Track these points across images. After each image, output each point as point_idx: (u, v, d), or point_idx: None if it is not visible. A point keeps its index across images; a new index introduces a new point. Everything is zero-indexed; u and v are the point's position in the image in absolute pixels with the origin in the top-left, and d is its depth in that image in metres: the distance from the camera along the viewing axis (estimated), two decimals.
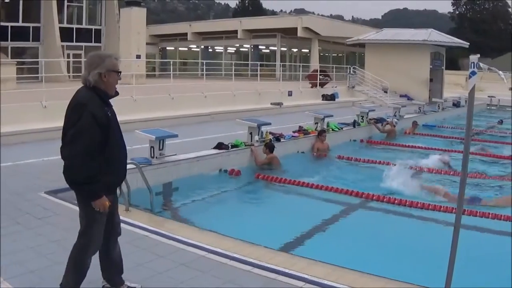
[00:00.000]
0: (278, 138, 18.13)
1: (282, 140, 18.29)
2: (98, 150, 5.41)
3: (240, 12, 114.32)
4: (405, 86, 42.99)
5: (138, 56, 41.53)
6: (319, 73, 40.89)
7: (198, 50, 71.43)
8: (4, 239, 7.78)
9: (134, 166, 10.55)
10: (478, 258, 8.93)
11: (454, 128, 29.25)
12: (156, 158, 13.47)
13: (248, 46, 66.72)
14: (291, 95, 34.94)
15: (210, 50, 71.88)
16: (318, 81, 39.86)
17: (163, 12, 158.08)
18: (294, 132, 19.59)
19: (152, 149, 13.50)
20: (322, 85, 40.22)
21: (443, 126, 30.23)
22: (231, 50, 72.15)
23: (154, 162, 13.21)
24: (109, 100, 5.73)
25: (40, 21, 43.14)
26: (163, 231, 8.58)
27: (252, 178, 15.18)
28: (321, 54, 64.99)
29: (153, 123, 19.48)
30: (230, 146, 16.09)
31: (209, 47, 71.54)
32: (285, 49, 65.53)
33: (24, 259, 7.06)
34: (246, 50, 68.09)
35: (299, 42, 63.20)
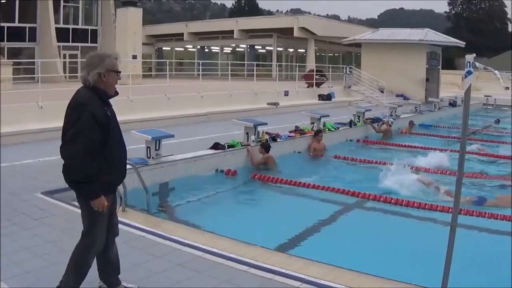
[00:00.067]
0: (275, 138, 18.13)
1: (278, 140, 18.29)
2: (98, 150, 5.42)
3: (236, 12, 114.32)
4: (401, 85, 43.01)
5: (134, 57, 41.48)
6: (315, 73, 40.89)
7: (194, 50, 71.33)
8: (1, 239, 7.77)
9: (131, 167, 10.52)
10: (476, 258, 8.94)
11: (450, 128, 29.27)
12: (153, 158, 13.46)
13: (244, 46, 66.63)
14: (288, 95, 34.91)
15: (206, 50, 71.81)
16: (315, 81, 39.85)
17: (159, 12, 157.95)
18: (291, 132, 19.60)
19: (148, 149, 13.49)
20: (319, 85, 40.22)
21: (439, 126, 30.25)
22: (227, 50, 72.06)
23: (150, 163, 13.21)
24: (108, 100, 5.74)
25: (36, 21, 43.06)
26: (159, 232, 8.57)
27: (248, 178, 15.19)
28: (317, 54, 64.93)
29: (149, 123, 19.45)
30: (226, 146, 16.09)
31: (205, 47, 71.47)
32: (281, 49, 65.45)
33: (21, 260, 7.05)
34: (242, 50, 68.00)
35: (295, 42, 63.18)
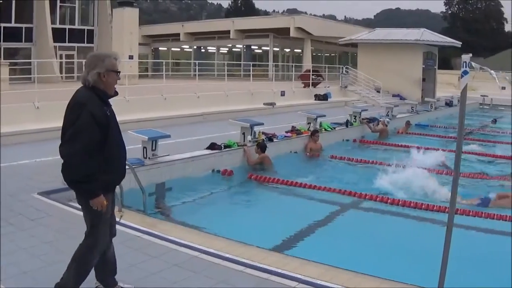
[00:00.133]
0: (271, 138, 18.14)
1: (275, 140, 18.30)
2: (97, 149, 5.43)
3: (232, 12, 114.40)
4: (397, 85, 43.02)
5: (131, 57, 41.42)
6: (311, 73, 40.86)
7: (191, 50, 71.30)
8: (0, 239, 7.77)
9: (127, 167, 10.54)
10: (472, 258, 8.95)
11: (446, 128, 29.30)
12: (149, 158, 13.46)
13: (241, 46, 66.56)
14: (284, 95, 34.92)
15: (203, 50, 71.72)
16: (311, 81, 39.83)
17: (156, 12, 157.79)
18: (287, 132, 19.61)
19: (144, 149, 13.49)
20: (315, 85, 40.20)
21: (435, 126, 30.28)
22: (224, 50, 72.00)
23: (146, 163, 13.21)
24: (108, 99, 5.75)
25: (32, 21, 42.97)
26: (155, 232, 8.57)
27: (244, 179, 15.19)
28: (313, 54, 64.90)
29: (145, 123, 19.44)
30: (223, 147, 16.09)
31: (201, 47, 71.39)
32: (277, 49, 65.39)
33: (17, 260, 7.05)
34: (239, 50, 67.93)
35: (292, 42, 63.14)
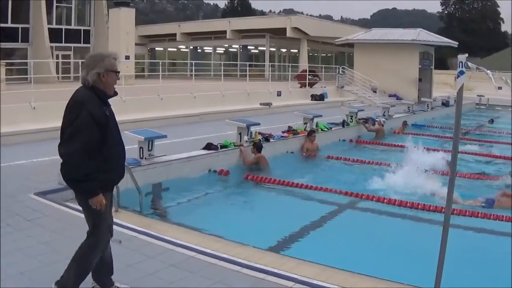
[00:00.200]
0: (267, 138, 18.12)
1: (271, 140, 18.28)
2: (96, 149, 5.45)
3: (229, 12, 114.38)
4: (394, 85, 43.08)
5: (127, 57, 41.42)
6: (308, 73, 40.93)
7: (187, 50, 71.29)
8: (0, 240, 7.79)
9: None
10: (471, 258, 8.98)
11: (443, 128, 29.32)
12: (145, 158, 13.43)
13: (237, 46, 66.62)
14: (280, 95, 34.95)
15: (199, 51, 71.78)
16: (307, 81, 39.91)
17: (152, 12, 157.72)
18: (283, 132, 19.59)
19: (141, 149, 13.47)
20: (311, 85, 40.27)
21: (432, 126, 30.29)
22: (220, 50, 72.04)
23: (143, 163, 13.18)
24: (107, 99, 5.76)
25: (29, 22, 42.92)
26: (152, 232, 8.58)
27: (241, 179, 15.18)
28: (310, 54, 64.97)
29: (142, 123, 19.40)
30: (219, 147, 16.09)
31: (198, 48, 71.45)
32: (274, 49, 65.41)
33: (14, 261, 7.04)
34: (235, 50, 67.97)
35: (288, 42, 63.20)
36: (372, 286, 6.74)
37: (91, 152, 5.39)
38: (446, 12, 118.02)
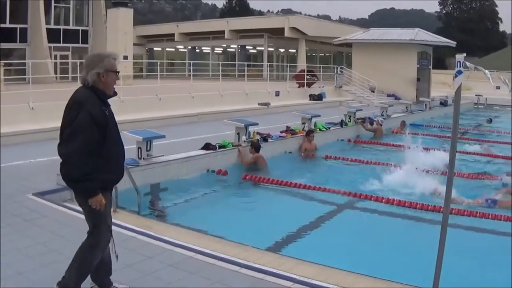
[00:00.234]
0: (266, 138, 18.12)
1: (269, 140, 18.29)
2: (95, 149, 5.44)
3: (227, 12, 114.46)
4: (392, 85, 43.08)
5: (125, 57, 41.28)
6: (306, 73, 40.88)
7: (185, 50, 71.13)
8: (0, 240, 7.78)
9: None
10: (470, 258, 8.97)
11: (441, 127, 29.30)
12: (144, 159, 13.42)
13: (235, 46, 66.50)
14: (279, 95, 34.94)
15: (197, 51, 71.64)
16: (305, 81, 39.86)
17: (150, 12, 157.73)
18: (282, 132, 19.59)
19: (139, 150, 13.45)
20: (309, 85, 40.21)
21: (430, 125, 30.28)
22: (218, 50, 71.94)
23: (141, 163, 13.17)
24: (107, 100, 5.75)
25: (27, 22, 42.83)
26: (150, 232, 8.57)
27: (239, 179, 15.16)
28: (308, 54, 64.89)
29: (140, 124, 19.37)
30: (217, 147, 16.08)
31: (196, 48, 71.29)
32: (272, 49, 65.32)
33: (12, 261, 7.03)
34: (233, 50, 67.86)
35: (286, 42, 63.07)
36: (371, 285, 6.75)
37: (91, 152, 5.38)
38: (444, 12, 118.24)
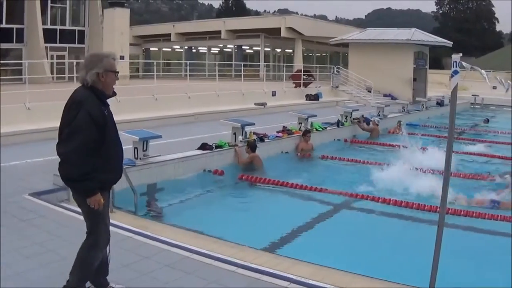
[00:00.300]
0: (262, 138, 18.12)
1: (266, 140, 18.29)
2: (94, 148, 5.45)
3: (223, 12, 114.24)
4: (388, 85, 43.11)
5: (122, 57, 41.20)
6: (302, 73, 40.88)
7: (182, 50, 71.04)
8: None
9: None
10: (469, 257, 8.98)
11: (437, 127, 29.30)
12: (140, 159, 13.41)
13: (232, 46, 66.42)
14: (275, 95, 34.92)
15: (194, 51, 71.53)
16: (302, 81, 39.83)
17: (147, 12, 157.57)
18: (278, 132, 19.59)
19: (135, 150, 13.44)
20: (306, 85, 40.21)
21: (427, 125, 30.29)
22: (215, 50, 71.84)
23: (138, 163, 13.16)
24: (106, 99, 5.76)
25: (23, 22, 42.77)
26: (147, 232, 8.58)
27: (236, 179, 15.17)
28: (304, 54, 64.84)
29: (136, 124, 19.32)
30: (214, 147, 16.09)
31: (192, 48, 71.21)
32: (268, 49, 65.22)
33: (10, 261, 7.03)
34: (230, 50, 67.77)
35: (283, 42, 63.05)
36: (367, 285, 6.76)
37: (90, 151, 5.40)
38: (441, 12, 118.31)
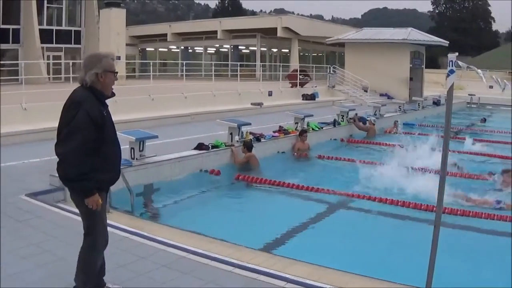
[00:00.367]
0: (259, 138, 18.13)
1: (262, 140, 18.29)
2: (93, 149, 5.45)
3: (219, 12, 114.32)
4: (385, 85, 43.12)
5: (118, 57, 41.15)
6: (299, 73, 40.86)
7: (178, 50, 71.07)
8: None
9: None
10: (470, 257, 8.99)
11: (433, 127, 29.28)
12: (137, 159, 13.42)
13: (228, 46, 66.43)
14: (271, 95, 34.92)
15: (190, 51, 71.53)
16: (298, 81, 39.83)
17: (143, 12, 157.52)
18: (275, 132, 19.60)
19: (132, 150, 13.44)
20: (302, 85, 40.20)
21: (423, 125, 30.29)
22: (211, 50, 71.86)
23: (134, 163, 13.16)
24: (105, 100, 5.77)
25: (19, 22, 42.73)
26: (144, 232, 8.57)
27: (232, 179, 15.17)
28: (301, 54, 64.89)
29: (133, 124, 19.31)
30: (210, 147, 16.08)
31: (189, 48, 71.21)
32: (265, 49, 65.28)
33: (6, 262, 7.01)
34: (226, 50, 67.81)
35: (279, 42, 63.07)
36: (364, 285, 6.76)
37: (88, 151, 5.39)
38: (437, 11, 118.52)
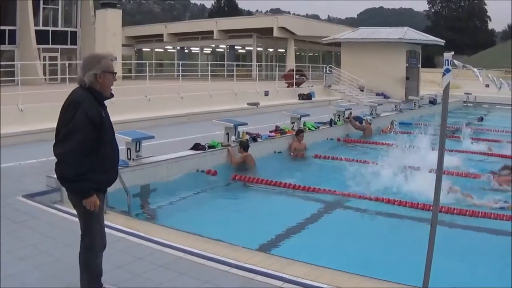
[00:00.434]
0: (255, 138, 18.12)
1: (258, 140, 18.29)
2: (91, 149, 5.45)
3: (215, 12, 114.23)
4: (381, 84, 43.22)
5: (114, 58, 41.24)
6: (295, 72, 40.87)
7: (174, 51, 70.99)
8: None
9: None
10: (460, 256, 8.99)
11: (430, 126, 29.26)
12: (133, 160, 13.41)
13: (224, 46, 66.37)
14: (268, 95, 34.92)
15: (186, 51, 71.45)
16: (294, 80, 39.86)
17: (139, 13, 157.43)
18: (271, 132, 19.60)
19: (128, 150, 13.43)
20: (298, 84, 40.22)
21: (419, 124, 30.27)
22: (207, 50, 71.74)
23: (130, 164, 13.16)
24: (104, 101, 5.78)
25: (15, 23, 42.63)
26: (140, 233, 8.57)
27: (229, 179, 15.16)
28: (297, 53, 64.82)
29: (129, 124, 19.29)
30: (206, 147, 16.08)
31: (185, 48, 71.12)
32: (261, 49, 65.17)
33: (2, 263, 7.00)
34: (222, 50, 67.72)
35: (275, 42, 63.05)
36: (361, 284, 6.76)
37: (86, 152, 5.39)
38: (433, 10, 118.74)
